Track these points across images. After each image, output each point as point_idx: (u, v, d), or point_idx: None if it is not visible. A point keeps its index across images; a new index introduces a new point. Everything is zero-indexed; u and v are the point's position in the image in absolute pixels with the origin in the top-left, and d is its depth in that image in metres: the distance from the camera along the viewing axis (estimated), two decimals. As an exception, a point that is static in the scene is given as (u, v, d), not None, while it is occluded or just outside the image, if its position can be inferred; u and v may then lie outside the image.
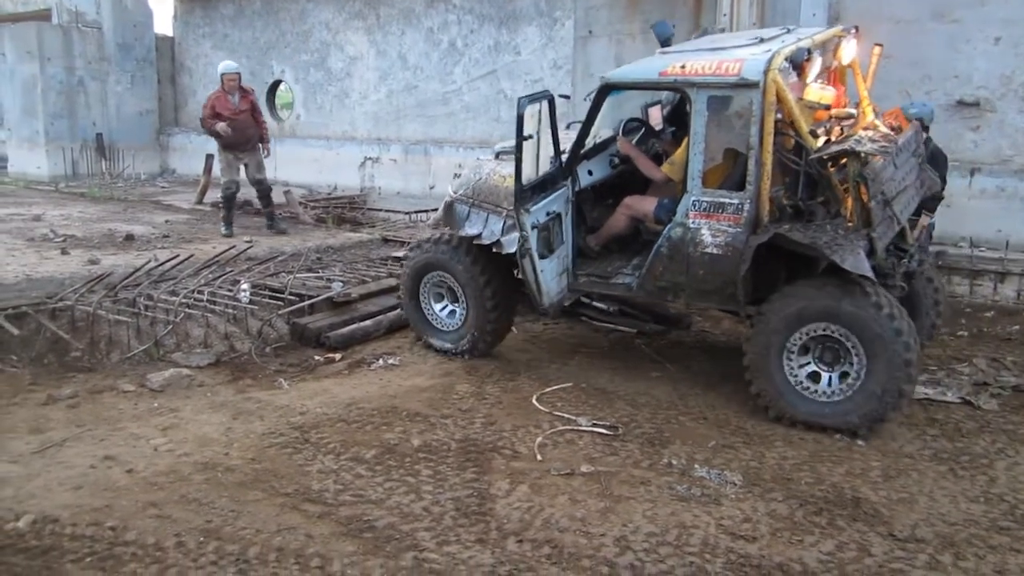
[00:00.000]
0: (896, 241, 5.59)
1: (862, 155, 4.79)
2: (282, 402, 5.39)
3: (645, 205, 5.81)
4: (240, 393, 5.66)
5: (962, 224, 8.40)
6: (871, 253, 4.91)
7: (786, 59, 5.01)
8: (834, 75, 5.97)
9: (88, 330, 6.26)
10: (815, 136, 5.09)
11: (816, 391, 5.10)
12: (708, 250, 5.23)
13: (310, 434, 4.86)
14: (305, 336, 6.75)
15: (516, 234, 5.57)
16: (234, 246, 8.45)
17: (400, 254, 8.48)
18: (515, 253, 5.64)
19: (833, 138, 5.33)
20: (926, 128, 7.03)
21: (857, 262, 4.74)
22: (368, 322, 6.96)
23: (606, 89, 5.50)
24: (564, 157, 5.80)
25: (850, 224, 4.95)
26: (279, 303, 6.87)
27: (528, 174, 5.44)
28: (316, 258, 8.62)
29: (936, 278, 6.26)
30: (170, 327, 6.37)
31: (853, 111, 5.68)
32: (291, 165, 13.89)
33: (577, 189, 5.95)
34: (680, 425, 5.16)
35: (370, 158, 13.15)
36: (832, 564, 3.66)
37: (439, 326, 6.43)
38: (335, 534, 3.79)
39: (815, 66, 5.20)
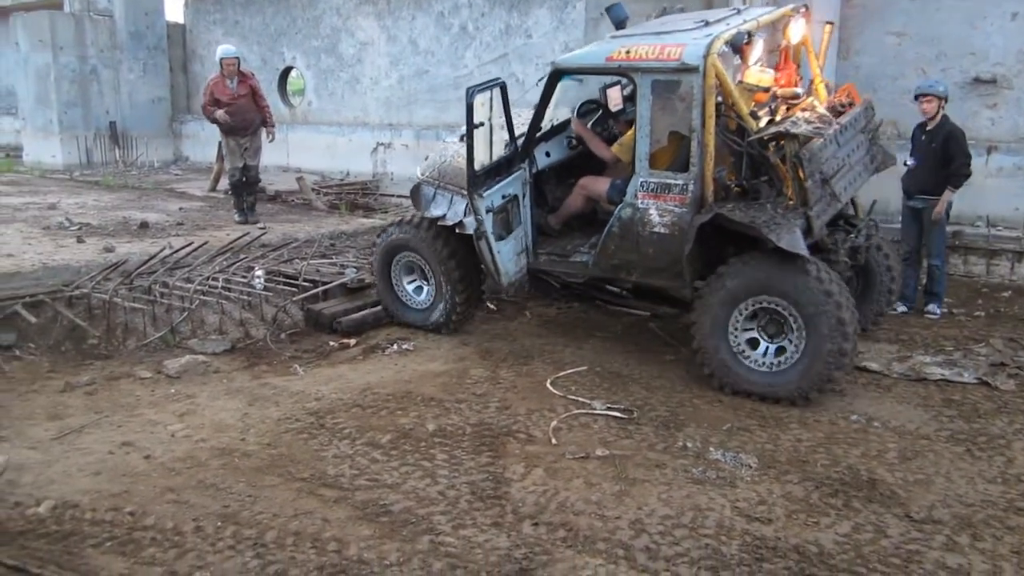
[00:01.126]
0: (846, 216, 5.87)
1: (799, 136, 4.94)
2: (297, 388, 5.42)
3: (599, 185, 5.96)
4: (256, 379, 5.69)
5: (979, 203, 8.32)
6: (808, 231, 5.04)
7: (726, 43, 5.12)
8: (786, 53, 6.04)
9: (104, 317, 6.30)
10: (757, 118, 5.21)
11: (761, 362, 5.26)
12: (656, 229, 5.39)
13: (325, 419, 4.88)
14: (319, 322, 6.77)
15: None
16: (248, 233, 8.47)
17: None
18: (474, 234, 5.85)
19: (779, 118, 5.41)
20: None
21: (792, 240, 4.89)
22: (380, 307, 6.96)
23: (557, 74, 5.66)
24: (520, 141, 5.93)
25: (790, 203, 5.08)
26: (293, 289, 6.89)
27: (481, 160, 5.61)
28: (329, 244, 8.63)
29: (895, 261, 6.36)
30: (185, 314, 6.41)
31: (799, 90, 5.78)
32: (303, 152, 13.89)
33: (535, 171, 6.13)
34: (695, 408, 5.15)
35: (382, 143, 13.13)
36: (848, 546, 3.65)
37: (410, 304, 6.63)
38: (351, 518, 3.81)
39: (756, 49, 5.31)
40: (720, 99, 5.14)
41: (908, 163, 7.15)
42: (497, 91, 5.65)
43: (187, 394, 5.34)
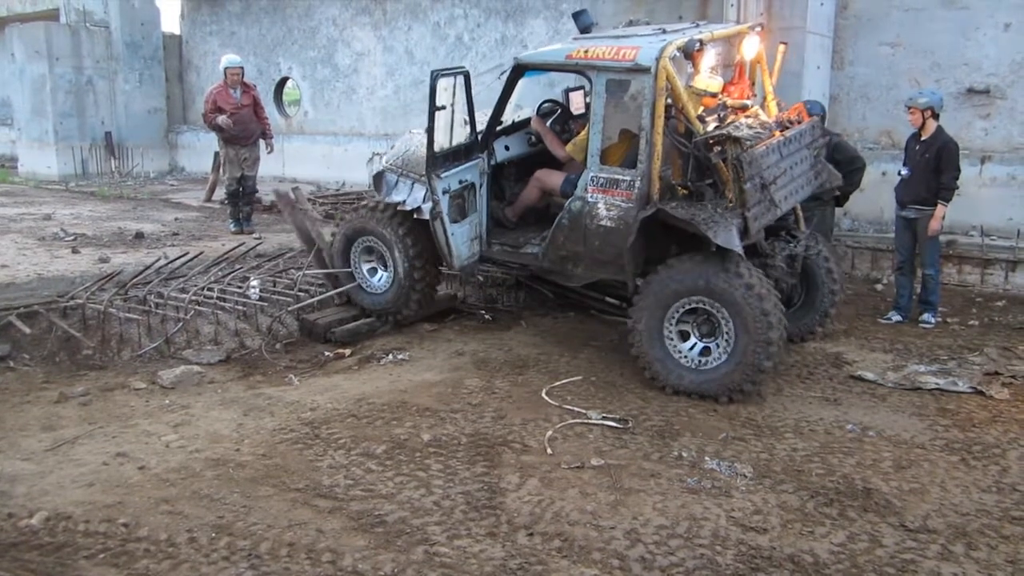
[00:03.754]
0: (788, 227, 6.20)
1: (742, 140, 5.16)
2: (292, 398, 5.41)
3: (554, 179, 6.18)
4: (251, 389, 5.68)
5: (973, 213, 8.35)
6: (745, 231, 5.23)
7: (678, 49, 5.33)
8: (741, 68, 6.28)
9: (99, 328, 6.29)
10: (704, 122, 5.42)
11: (693, 360, 5.46)
12: (603, 223, 5.59)
13: (320, 430, 4.87)
14: (314, 332, 6.76)
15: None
16: (243, 243, 8.47)
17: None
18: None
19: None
20: (936, 117, 6.98)
21: (728, 237, 5.09)
22: (373, 318, 6.97)
23: (519, 69, 5.86)
24: (480, 131, 6.15)
25: (729, 204, 5.27)
26: (288, 300, 6.89)
27: (441, 143, 5.82)
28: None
29: (836, 265, 6.53)
30: (180, 325, 6.40)
31: (748, 102, 5.98)
32: (299, 162, 13.90)
33: (494, 163, 6.34)
34: (690, 417, 5.15)
35: (378, 153, 13.08)
36: (843, 555, 3.65)
37: (368, 288, 6.88)
38: (346, 529, 3.80)
39: (707, 57, 5.53)
40: (670, 101, 5.35)
41: (901, 173, 7.19)
42: (461, 79, 5.85)
43: (182, 405, 5.33)
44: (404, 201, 6.43)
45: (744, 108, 5.84)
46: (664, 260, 5.57)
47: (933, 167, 6.91)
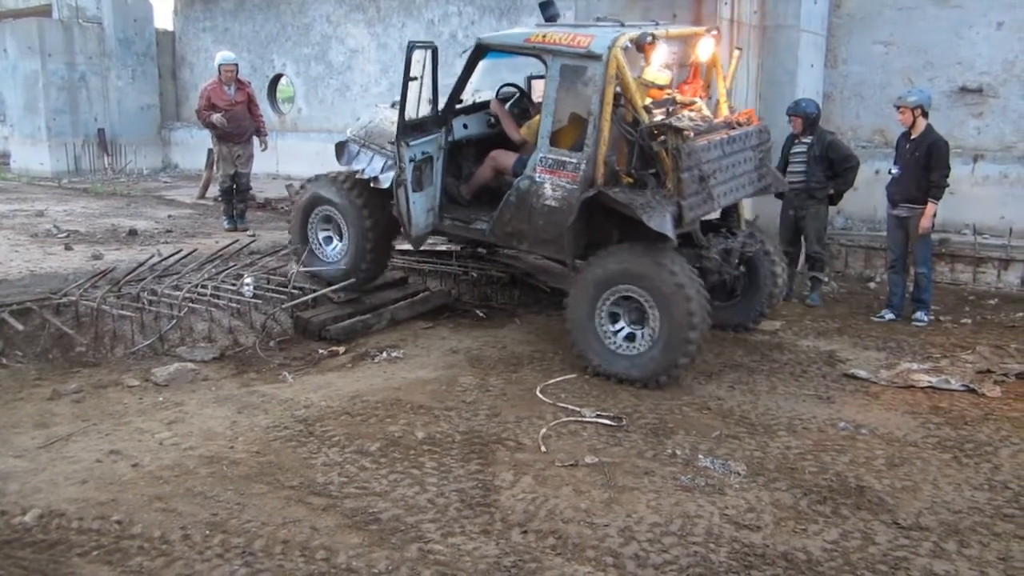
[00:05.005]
0: (729, 224, 6.49)
1: (683, 131, 5.38)
2: (286, 395, 5.41)
3: (507, 159, 6.33)
4: (244, 387, 5.68)
5: (965, 211, 8.39)
6: (679, 219, 5.42)
7: (630, 40, 5.52)
8: (696, 69, 6.43)
9: (92, 325, 6.27)
10: (651, 112, 5.57)
11: (620, 345, 5.67)
12: (548, 202, 5.79)
13: (314, 427, 4.87)
14: (308, 329, 6.76)
15: (392, 173, 6.37)
16: (237, 240, 8.45)
17: (403, 247, 8.48)
18: (391, 187, 6.40)
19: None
20: (925, 115, 7.01)
21: (661, 223, 5.31)
22: (369, 314, 6.97)
23: (480, 49, 6.10)
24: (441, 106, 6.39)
25: (668, 193, 5.48)
26: (282, 297, 6.88)
27: (410, 114, 6.08)
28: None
29: (780, 264, 6.74)
30: (174, 322, 6.38)
31: (697, 99, 6.19)
32: (293, 159, 13.87)
33: (451, 139, 6.53)
34: (683, 415, 5.16)
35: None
36: (836, 552, 3.67)
37: (322, 256, 7.17)
38: (340, 526, 3.80)
39: (659, 52, 5.71)
40: (619, 90, 5.53)
41: (892, 171, 7.22)
42: (430, 53, 6.06)
43: (175, 402, 5.32)
44: (363, 170, 6.71)
45: (691, 104, 6.05)
46: (604, 247, 5.81)
47: (923, 165, 6.93)
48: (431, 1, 12.57)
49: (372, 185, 6.64)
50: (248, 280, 7.04)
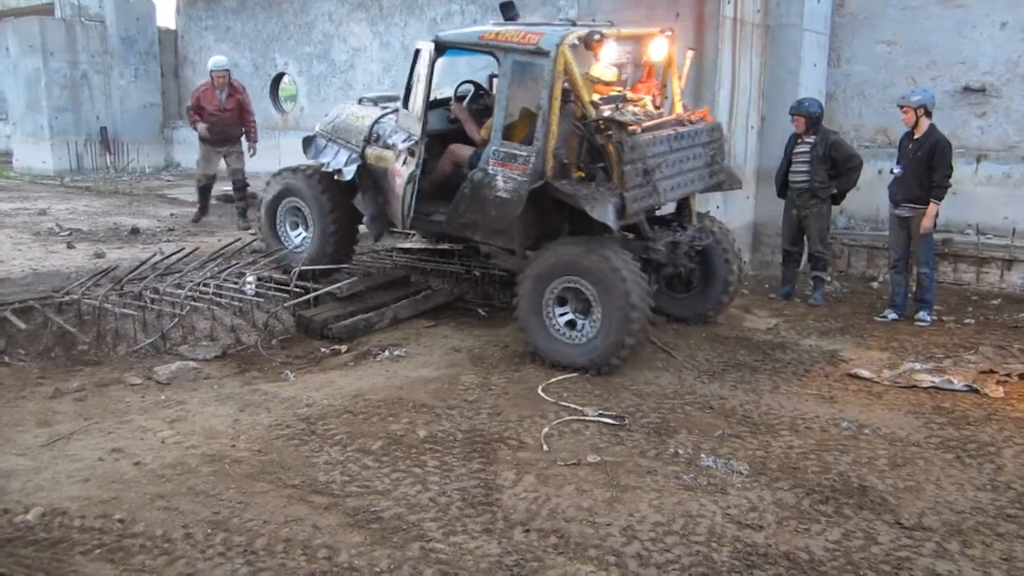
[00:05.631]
0: (682, 218, 6.74)
1: (625, 124, 5.58)
2: (288, 394, 5.41)
3: (463, 152, 6.51)
4: (246, 385, 5.68)
5: (968, 211, 8.38)
6: (622, 211, 5.58)
7: (578, 38, 5.69)
8: (650, 69, 6.60)
9: (95, 323, 6.27)
10: (598, 107, 5.76)
11: (569, 335, 5.86)
12: (499, 194, 5.95)
13: (316, 426, 4.87)
14: (311, 328, 6.76)
15: (355, 166, 6.76)
16: (239, 239, 8.46)
17: (405, 245, 8.50)
18: (353, 179, 6.76)
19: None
20: (929, 115, 7.00)
21: (603, 213, 5.49)
22: (371, 313, 6.97)
23: (439, 46, 6.26)
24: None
25: (612, 185, 5.65)
26: (285, 295, 6.88)
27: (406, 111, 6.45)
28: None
29: (734, 259, 6.87)
30: (176, 320, 6.38)
31: (645, 96, 6.39)
32: (295, 157, 13.77)
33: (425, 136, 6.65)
34: (686, 415, 5.16)
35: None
36: (838, 552, 3.66)
37: (289, 244, 7.53)
38: (342, 525, 3.80)
39: (608, 49, 5.83)
40: (568, 85, 5.68)
41: (895, 171, 7.21)
42: (426, 55, 6.28)
43: (177, 400, 5.32)
44: (328, 164, 7.01)
45: (637, 100, 6.25)
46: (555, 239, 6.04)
47: (926, 165, 6.93)
48: (434, 0, 12.56)
49: (336, 178, 6.93)
50: (250, 278, 7.05)
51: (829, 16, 9.04)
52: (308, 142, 7.39)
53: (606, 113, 5.72)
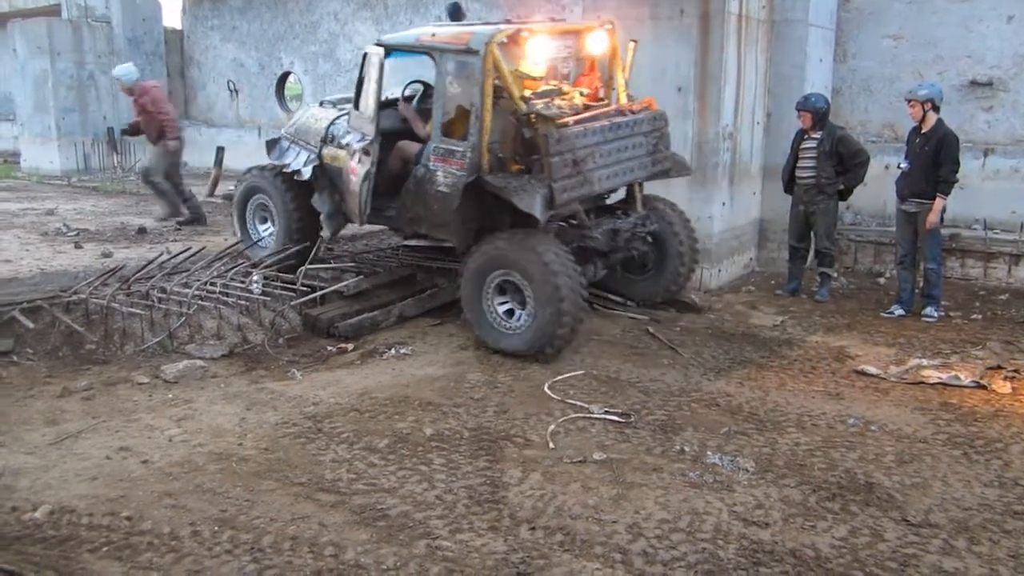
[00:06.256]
0: (626, 206, 6.99)
1: (550, 118, 5.76)
2: (295, 392, 5.42)
3: (411, 149, 6.69)
4: (253, 384, 5.69)
5: (975, 206, 8.35)
6: (551, 201, 5.78)
7: (506, 36, 5.94)
8: (592, 63, 6.82)
9: (102, 323, 6.30)
10: (528, 102, 5.96)
11: (508, 325, 6.08)
12: (440, 188, 6.19)
13: (323, 424, 4.88)
14: (317, 326, 6.76)
15: (312, 166, 7.07)
16: (265, 241, 8.47)
17: (409, 243, 8.49)
18: (311, 179, 7.09)
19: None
20: (936, 109, 6.97)
21: (530, 203, 5.72)
22: (377, 311, 6.98)
23: (385, 50, 6.49)
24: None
25: (542, 176, 5.83)
26: (291, 294, 6.89)
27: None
28: (327, 248, 8.62)
29: (686, 236, 7.11)
30: (183, 319, 6.40)
31: (584, 90, 6.62)
32: (301, 156, 13.88)
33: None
34: (692, 412, 5.15)
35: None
36: (845, 549, 3.65)
37: (256, 239, 7.91)
38: (348, 522, 3.81)
39: (537, 45, 6.19)
40: (499, 82, 5.87)
41: (902, 166, 7.18)
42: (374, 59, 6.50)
43: (185, 399, 5.34)
44: (288, 164, 7.35)
45: (566, 93, 6.44)
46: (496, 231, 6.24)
47: (933, 160, 6.90)
48: (438, -3, 12.57)
49: (295, 178, 7.25)
50: (257, 277, 7.06)
51: (835, 11, 9.01)
52: (272, 144, 7.75)
53: (538, 107, 5.89)
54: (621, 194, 7.11)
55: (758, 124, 8.61)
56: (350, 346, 6.49)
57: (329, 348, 6.48)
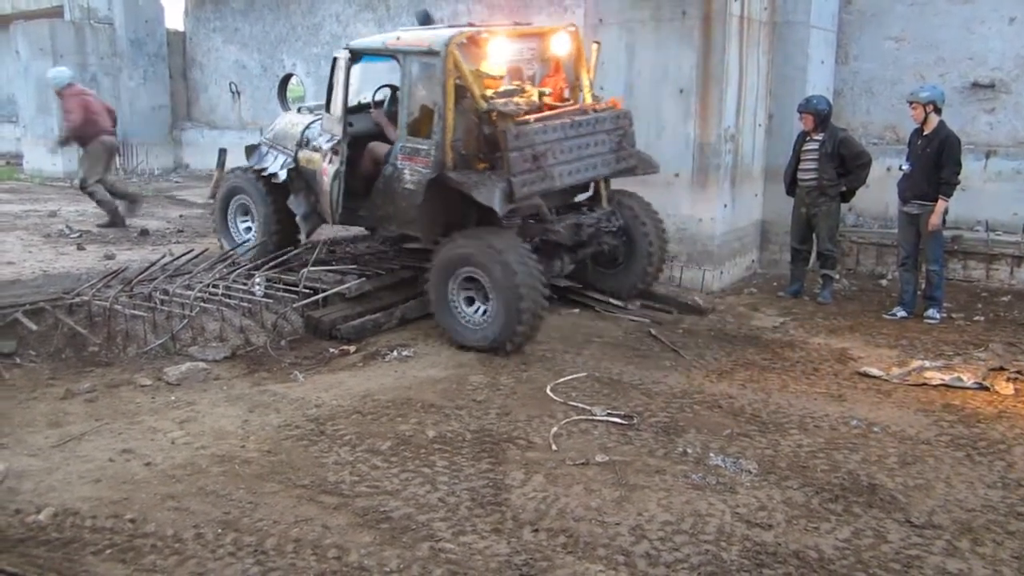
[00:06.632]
0: (592, 201, 7.19)
1: (508, 115, 5.96)
2: (297, 394, 5.42)
3: (381, 150, 6.90)
4: (256, 386, 5.69)
5: (978, 208, 8.35)
6: (510, 196, 5.95)
7: (466, 38, 6.19)
8: (557, 64, 7.02)
9: (105, 325, 6.30)
10: (488, 100, 6.12)
11: (473, 320, 6.27)
12: (407, 186, 6.45)
13: (326, 426, 4.88)
14: (319, 329, 6.77)
15: (288, 169, 7.35)
16: (248, 240, 8.47)
17: (411, 246, 8.49)
18: (285, 181, 7.38)
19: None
20: (938, 111, 6.97)
21: (489, 197, 5.91)
22: (379, 313, 6.98)
23: (353, 54, 6.79)
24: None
25: (502, 172, 6.01)
26: (293, 296, 6.90)
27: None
28: (329, 250, 8.63)
29: (656, 236, 7.30)
30: (186, 321, 6.41)
31: (545, 89, 6.81)
32: (303, 158, 13.89)
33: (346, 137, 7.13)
34: (694, 414, 5.15)
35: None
36: (848, 551, 3.65)
37: (237, 238, 8.15)
38: (352, 525, 3.81)
39: (497, 46, 6.41)
40: (460, 82, 6.06)
41: (904, 168, 7.18)
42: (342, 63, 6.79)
43: (187, 401, 5.34)
44: (266, 168, 7.63)
45: (543, 94, 6.65)
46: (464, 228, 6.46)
47: (934, 162, 6.90)
48: (440, 0, 12.57)
49: (272, 180, 7.55)
50: (259, 279, 7.07)
51: (836, 13, 9.01)
52: (251, 150, 8.10)
53: (497, 104, 6.07)
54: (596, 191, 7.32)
55: (760, 126, 8.62)
56: (352, 348, 6.49)
57: (331, 350, 6.49)
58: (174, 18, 16.63)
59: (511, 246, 6.06)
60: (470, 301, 6.34)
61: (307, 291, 7.00)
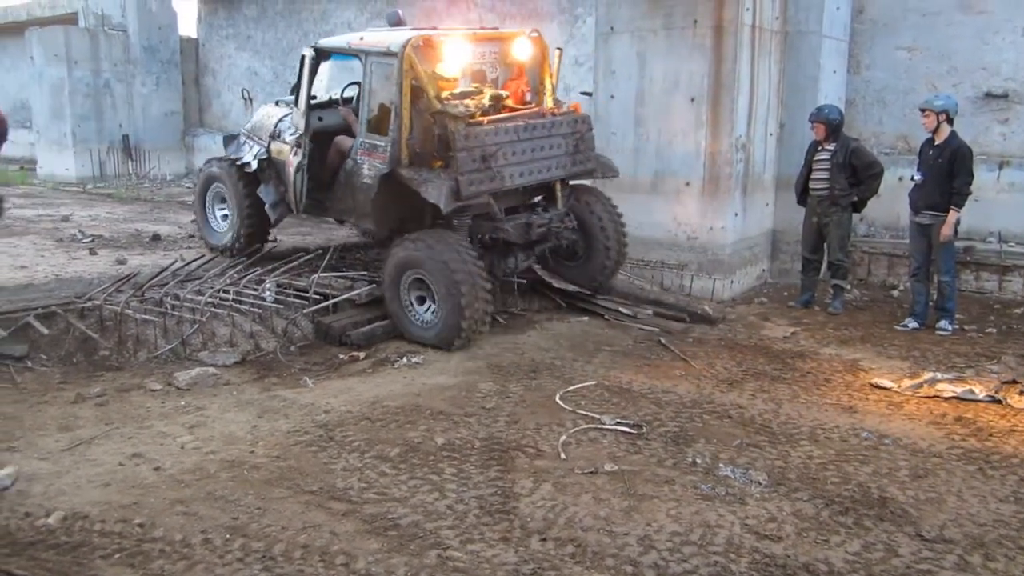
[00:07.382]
0: (548, 203, 7.32)
1: (457, 117, 6.17)
2: (307, 400, 5.43)
3: (347, 144, 7.10)
4: (265, 391, 5.70)
5: (990, 218, 8.31)
6: (457, 193, 6.17)
7: (421, 40, 6.40)
8: (519, 68, 7.22)
9: (116, 329, 6.33)
10: (442, 101, 6.28)
11: (423, 319, 6.53)
12: (364, 180, 6.72)
13: (335, 432, 4.88)
14: (329, 335, 6.78)
15: (258, 158, 7.64)
16: (258, 246, 8.51)
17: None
18: (256, 171, 7.70)
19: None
20: (950, 121, 6.94)
21: (436, 194, 6.15)
22: (389, 320, 6.98)
23: (319, 53, 7.13)
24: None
25: (451, 171, 6.23)
26: (304, 302, 6.91)
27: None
28: (340, 257, 8.65)
29: (613, 230, 7.47)
30: (196, 326, 6.43)
31: (503, 92, 6.94)
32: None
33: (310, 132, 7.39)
34: (704, 423, 5.13)
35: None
36: (859, 564, 3.62)
37: (216, 228, 8.44)
38: (360, 532, 3.81)
39: (455, 49, 6.53)
40: (416, 83, 6.27)
41: (915, 178, 7.15)
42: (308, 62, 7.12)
43: (197, 406, 5.35)
44: (241, 157, 7.92)
45: (499, 97, 6.77)
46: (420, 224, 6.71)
47: (947, 172, 6.87)
48: (452, 8, 12.61)
49: (245, 169, 7.82)
50: (269, 285, 7.09)
51: (848, 23, 9.00)
52: (229, 140, 8.45)
53: (448, 105, 6.24)
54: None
55: (771, 135, 8.61)
56: (362, 354, 6.50)
57: (341, 356, 6.50)
58: (187, 25, 16.75)
59: (453, 247, 6.27)
60: (421, 300, 6.55)
61: (317, 297, 7.01)
